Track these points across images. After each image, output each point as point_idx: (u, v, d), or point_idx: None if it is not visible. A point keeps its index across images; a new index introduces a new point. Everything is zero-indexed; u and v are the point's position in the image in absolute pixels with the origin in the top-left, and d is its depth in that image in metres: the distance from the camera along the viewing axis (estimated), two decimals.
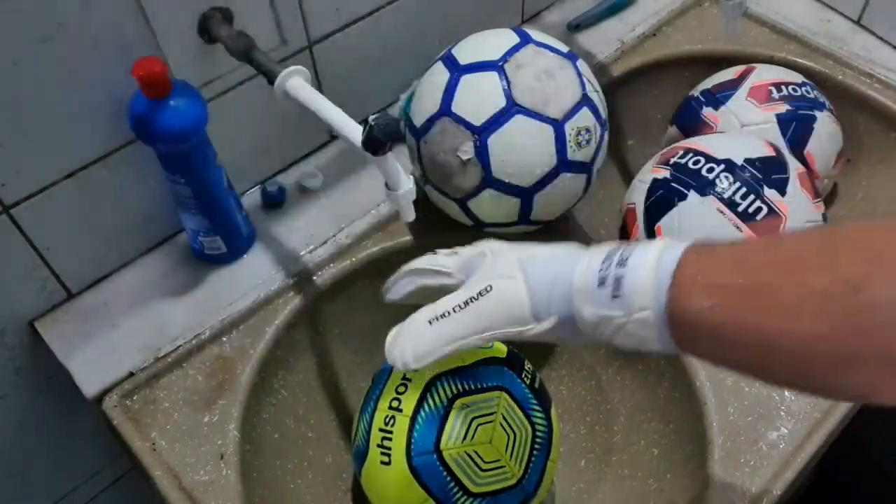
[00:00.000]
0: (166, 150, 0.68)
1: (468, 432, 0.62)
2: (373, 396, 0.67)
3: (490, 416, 0.63)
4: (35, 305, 0.75)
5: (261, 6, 0.72)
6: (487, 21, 0.98)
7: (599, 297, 0.46)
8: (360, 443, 0.66)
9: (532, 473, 0.64)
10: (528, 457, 0.64)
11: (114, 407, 0.70)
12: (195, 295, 0.77)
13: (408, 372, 0.59)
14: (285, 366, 0.78)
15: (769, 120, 0.85)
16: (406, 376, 0.65)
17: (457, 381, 0.63)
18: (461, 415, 0.62)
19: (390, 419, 0.63)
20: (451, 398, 0.62)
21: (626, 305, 0.45)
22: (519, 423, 0.64)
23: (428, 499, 0.62)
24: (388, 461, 0.63)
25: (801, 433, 0.67)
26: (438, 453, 0.61)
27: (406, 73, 0.91)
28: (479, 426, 0.62)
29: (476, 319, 0.51)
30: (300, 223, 0.83)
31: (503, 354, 0.67)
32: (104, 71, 0.65)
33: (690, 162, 0.77)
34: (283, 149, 0.86)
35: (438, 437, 0.62)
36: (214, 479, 0.67)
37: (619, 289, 0.45)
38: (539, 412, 0.66)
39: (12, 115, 0.62)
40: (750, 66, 0.91)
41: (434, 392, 0.63)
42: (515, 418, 0.64)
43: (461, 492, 0.62)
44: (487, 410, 0.63)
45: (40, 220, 0.69)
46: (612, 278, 0.46)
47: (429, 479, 0.62)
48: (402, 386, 0.64)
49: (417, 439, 0.62)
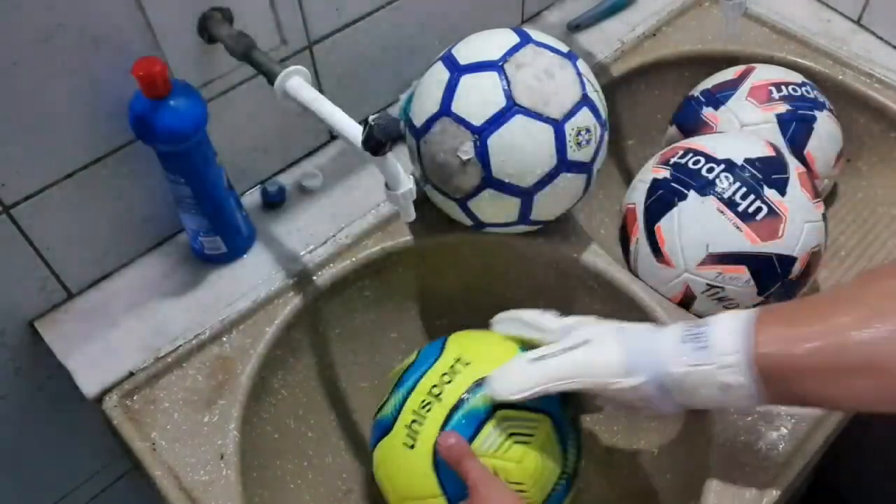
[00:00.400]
0: (166, 150, 0.68)
1: (502, 445, 0.60)
2: (415, 374, 0.65)
3: (528, 438, 0.61)
4: (35, 305, 0.75)
5: (261, 6, 0.72)
6: (487, 21, 0.98)
7: (686, 351, 0.53)
8: (388, 416, 0.64)
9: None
10: (552, 490, 0.63)
11: (114, 407, 0.70)
12: (195, 295, 0.77)
13: (503, 400, 0.60)
14: (285, 366, 0.78)
15: (769, 120, 0.85)
16: (455, 366, 0.63)
17: None
18: (501, 426, 0.61)
19: (427, 405, 0.62)
20: (495, 406, 0.61)
21: (712, 353, 0.52)
22: (553, 453, 0.62)
23: (439, 496, 0.61)
24: (412, 445, 0.62)
25: (801, 433, 0.67)
26: None
27: (406, 73, 0.91)
28: (514, 443, 0.61)
29: (573, 365, 0.57)
30: (300, 223, 0.83)
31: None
32: (104, 71, 0.65)
33: (690, 162, 0.77)
34: (283, 149, 0.86)
35: (471, 440, 0.60)
36: (214, 479, 0.67)
37: (705, 340, 0.52)
38: (573, 449, 0.65)
39: (12, 115, 0.62)
40: (750, 66, 0.91)
41: (480, 393, 0.62)
42: (551, 448, 0.62)
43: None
44: (527, 431, 0.61)
45: (40, 220, 0.69)
46: (696, 332, 0.53)
47: (447, 478, 0.60)
48: (449, 376, 0.63)
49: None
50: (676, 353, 0.54)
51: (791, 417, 0.68)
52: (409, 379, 0.65)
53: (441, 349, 0.66)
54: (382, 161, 0.58)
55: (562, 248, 0.80)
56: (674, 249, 0.75)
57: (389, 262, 0.82)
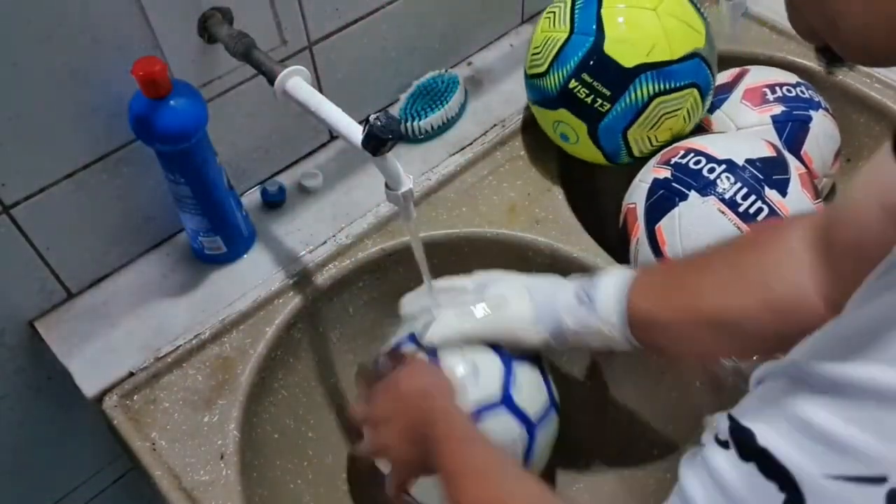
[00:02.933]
0: (166, 150, 0.68)
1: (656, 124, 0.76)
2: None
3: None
4: (35, 305, 0.75)
5: (261, 6, 0.72)
6: (487, 21, 0.98)
7: (579, 311, 0.64)
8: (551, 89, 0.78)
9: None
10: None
11: (114, 407, 0.70)
12: (195, 295, 0.77)
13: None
14: (285, 366, 0.78)
15: (765, 122, 0.85)
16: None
17: (660, 80, 0.75)
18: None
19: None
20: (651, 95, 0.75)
21: (598, 314, 0.63)
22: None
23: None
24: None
25: None
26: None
27: (406, 73, 0.91)
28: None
29: (494, 321, 0.67)
30: (300, 223, 0.82)
31: (702, 45, 0.78)
32: (104, 71, 0.65)
33: (691, 162, 0.77)
34: (283, 149, 0.86)
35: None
36: (214, 479, 0.67)
37: (592, 302, 0.63)
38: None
39: (12, 115, 0.62)
40: (744, 69, 0.91)
41: (638, 86, 0.74)
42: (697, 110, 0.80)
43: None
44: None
45: (40, 220, 0.69)
46: (586, 294, 0.64)
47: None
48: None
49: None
50: (571, 311, 0.64)
51: None
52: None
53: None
54: (382, 161, 0.58)
55: (561, 248, 0.80)
56: (674, 250, 0.75)
57: (389, 262, 0.82)
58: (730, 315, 0.57)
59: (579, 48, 0.77)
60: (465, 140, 0.90)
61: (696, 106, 0.80)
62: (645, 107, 0.77)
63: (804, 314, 0.53)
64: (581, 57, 0.77)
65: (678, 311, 0.60)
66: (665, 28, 0.76)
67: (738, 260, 0.59)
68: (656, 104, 0.77)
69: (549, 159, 0.88)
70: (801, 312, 0.53)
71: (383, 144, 0.56)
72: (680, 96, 0.78)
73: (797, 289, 0.54)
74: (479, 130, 0.91)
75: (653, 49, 0.75)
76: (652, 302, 0.62)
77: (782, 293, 0.55)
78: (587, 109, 0.78)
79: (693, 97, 0.79)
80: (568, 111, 0.79)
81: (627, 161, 0.84)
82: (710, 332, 0.59)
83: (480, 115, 0.92)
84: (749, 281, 0.57)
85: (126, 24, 0.64)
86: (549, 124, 0.84)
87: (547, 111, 0.82)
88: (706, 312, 0.59)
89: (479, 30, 0.98)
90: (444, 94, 0.90)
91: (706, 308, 0.59)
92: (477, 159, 0.88)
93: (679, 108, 0.79)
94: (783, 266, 0.55)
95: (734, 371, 0.70)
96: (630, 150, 0.81)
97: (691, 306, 0.60)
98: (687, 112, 0.80)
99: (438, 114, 0.88)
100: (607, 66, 0.76)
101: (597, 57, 0.76)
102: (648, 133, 0.79)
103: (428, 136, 0.90)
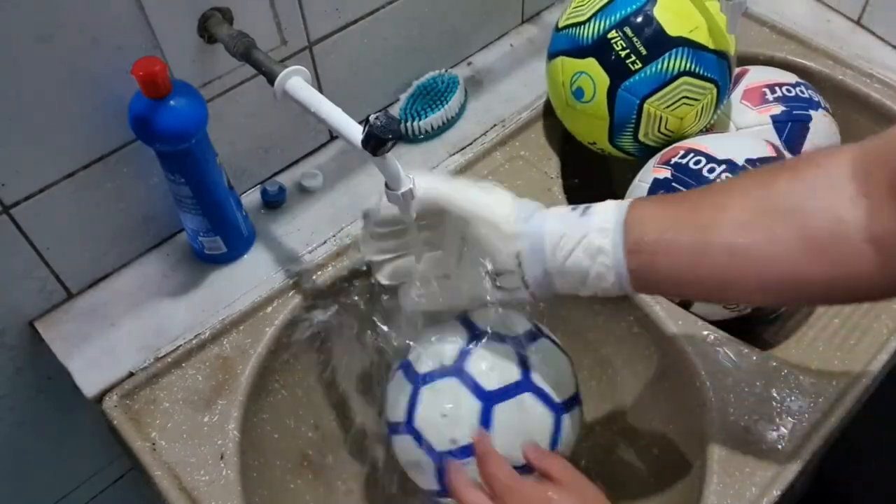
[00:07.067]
0: (166, 150, 0.68)
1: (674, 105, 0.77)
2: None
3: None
4: (35, 305, 0.75)
5: (261, 6, 0.72)
6: (487, 21, 0.98)
7: (569, 214, 0.58)
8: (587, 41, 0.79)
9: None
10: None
11: (114, 407, 0.70)
12: (195, 295, 0.77)
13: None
14: (285, 366, 0.78)
15: (764, 122, 0.85)
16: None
17: (693, 61, 0.78)
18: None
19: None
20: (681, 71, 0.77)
21: (590, 220, 0.56)
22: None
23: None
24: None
25: (801, 433, 0.67)
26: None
27: (406, 73, 0.91)
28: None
29: (475, 193, 0.61)
30: (300, 223, 0.83)
31: (731, 52, 0.81)
32: (104, 71, 0.65)
33: (691, 162, 0.77)
34: (283, 149, 0.86)
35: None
36: (214, 479, 0.67)
37: (586, 211, 0.57)
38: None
39: (12, 115, 0.62)
40: (744, 69, 0.91)
41: (673, 57, 0.77)
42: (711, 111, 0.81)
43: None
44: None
45: (40, 220, 0.69)
46: (581, 207, 0.58)
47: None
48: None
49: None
50: (559, 215, 0.58)
51: (791, 417, 0.68)
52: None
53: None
54: (382, 161, 0.58)
55: None
56: None
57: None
58: (753, 241, 0.50)
59: (630, 4, 0.79)
60: (465, 140, 0.90)
61: (711, 106, 0.81)
62: (672, 80, 0.78)
63: (842, 250, 0.48)
64: (629, 12, 0.79)
65: (689, 231, 0.53)
66: (709, 18, 0.79)
67: (771, 180, 0.53)
68: (681, 82, 0.78)
69: (549, 159, 0.89)
70: (838, 247, 0.48)
71: (383, 144, 0.56)
72: (703, 86, 0.79)
73: (834, 222, 0.49)
74: (479, 130, 0.91)
75: (696, 29, 0.78)
76: (660, 215, 0.54)
77: (817, 226, 0.49)
78: (618, 63, 0.79)
79: (712, 95, 0.80)
80: (596, 61, 0.80)
81: (625, 147, 0.83)
82: (727, 260, 0.51)
83: (480, 115, 0.92)
84: (781, 204, 0.51)
85: (126, 24, 0.64)
86: (567, 76, 0.83)
87: (572, 59, 0.82)
88: (726, 234, 0.51)
89: (479, 30, 0.98)
90: (444, 94, 0.90)
91: (727, 224, 0.51)
92: (477, 159, 0.88)
93: (698, 100, 0.79)
94: (818, 192, 0.50)
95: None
96: (637, 127, 0.81)
97: (709, 222, 0.52)
98: (702, 108, 0.80)
99: (438, 114, 0.89)
100: (652, 26, 0.78)
101: (644, 16, 0.78)
102: (663, 112, 0.79)
103: (428, 136, 0.90)
